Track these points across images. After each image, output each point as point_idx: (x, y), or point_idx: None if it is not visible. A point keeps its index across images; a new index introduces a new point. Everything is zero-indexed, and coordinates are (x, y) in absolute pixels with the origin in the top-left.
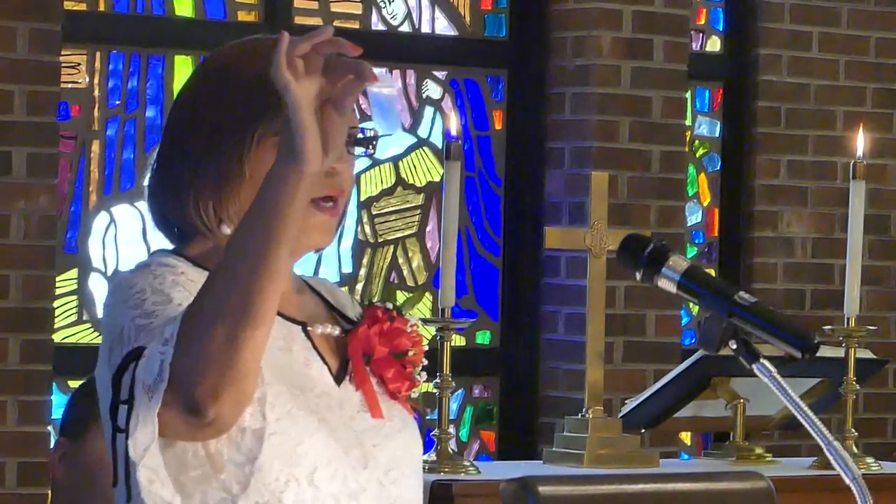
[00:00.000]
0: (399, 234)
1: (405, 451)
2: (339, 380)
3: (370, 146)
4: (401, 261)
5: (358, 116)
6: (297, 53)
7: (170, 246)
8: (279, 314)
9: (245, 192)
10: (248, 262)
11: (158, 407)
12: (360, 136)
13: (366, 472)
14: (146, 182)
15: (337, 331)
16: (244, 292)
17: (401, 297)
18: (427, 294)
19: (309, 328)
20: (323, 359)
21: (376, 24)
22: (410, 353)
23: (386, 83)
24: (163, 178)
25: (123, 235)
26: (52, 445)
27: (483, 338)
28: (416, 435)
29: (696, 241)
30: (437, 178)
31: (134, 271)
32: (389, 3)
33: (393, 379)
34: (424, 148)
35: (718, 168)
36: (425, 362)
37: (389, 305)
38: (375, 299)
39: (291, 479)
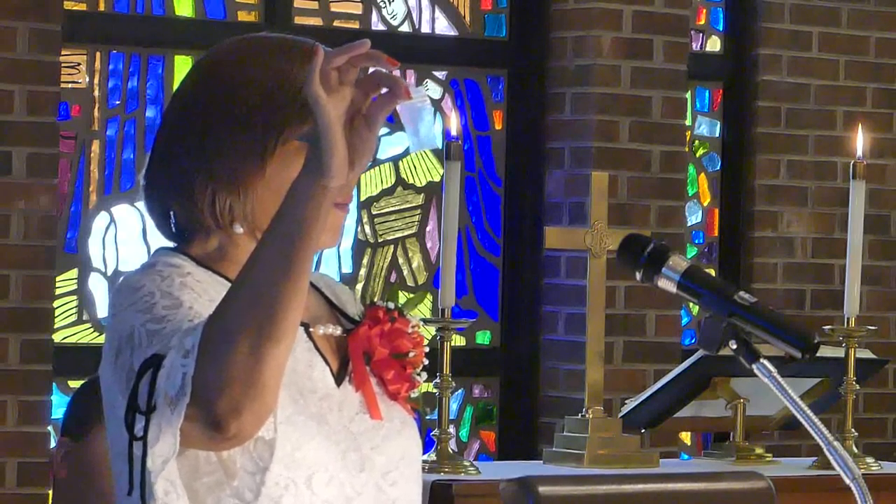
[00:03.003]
0: (399, 234)
1: (404, 453)
2: (339, 380)
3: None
4: (401, 261)
5: None
6: (332, 66)
7: (170, 244)
8: None
9: (263, 193)
10: (271, 275)
11: (181, 421)
12: None
13: (363, 475)
14: (143, 178)
15: (339, 331)
16: (267, 307)
17: (402, 297)
18: (427, 294)
19: (311, 329)
20: (325, 359)
21: (376, 24)
22: (411, 355)
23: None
24: (169, 175)
25: (123, 235)
26: (52, 445)
27: (483, 338)
28: (416, 436)
29: (696, 241)
30: (437, 178)
31: (140, 272)
32: (389, 3)
33: (393, 380)
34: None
35: (718, 168)
36: (426, 362)
37: (391, 306)
38: (376, 299)
39: (290, 484)
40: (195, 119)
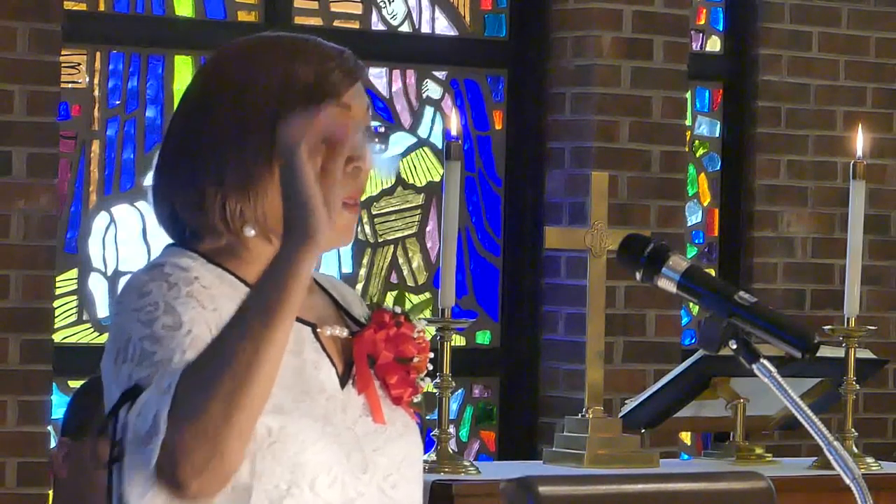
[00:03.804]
0: (399, 234)
1: (406, 456)
2: (343, 382)
3: (383, 142)
4: (401, 261)
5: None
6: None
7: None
8: None
9: (273, 195)
10: (250, 342)
11: (154, 460)
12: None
13: (365, 476)
14: (150, 181)
15: (345, 333)
16: (243, 373)
17: (409, 303)
18: (428, 294)
19: (318, 330)
20: (331, 361)
21: (376, 24)
22: (415, 360)
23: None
24: (178, 181)
25: (123, 235)
26: (52, 445)
27: (483, 338)
28: (418, 439)
29: (696, 241)
30: (437, 178)
31: (148, 271)
32: (389, 3)
33: (396, 385)
34: (424, 148)
35: (718, 168)
36: (430, 367)
37: (397, 310)
38: (376, 300)
39: (293, 486)
40: (202, 123)
